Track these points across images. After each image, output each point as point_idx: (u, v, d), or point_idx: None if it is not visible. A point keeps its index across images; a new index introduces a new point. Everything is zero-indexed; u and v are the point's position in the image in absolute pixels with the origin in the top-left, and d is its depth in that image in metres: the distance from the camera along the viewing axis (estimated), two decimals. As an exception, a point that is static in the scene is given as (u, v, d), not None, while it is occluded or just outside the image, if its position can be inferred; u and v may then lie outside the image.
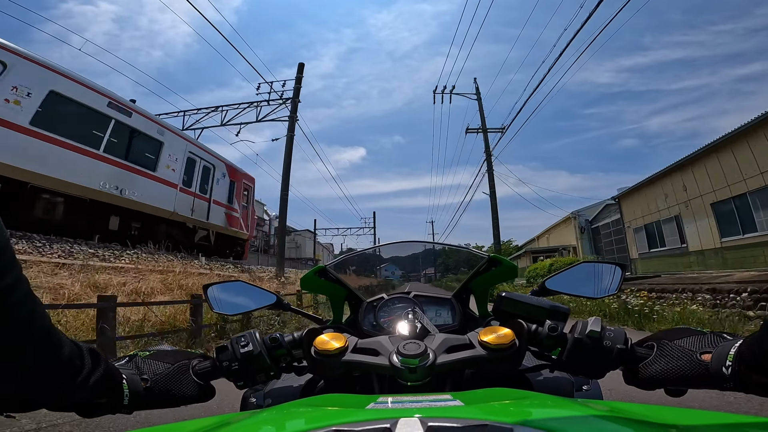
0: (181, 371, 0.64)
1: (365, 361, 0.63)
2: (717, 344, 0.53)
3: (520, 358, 0.62)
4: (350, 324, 0.99)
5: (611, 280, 0.88)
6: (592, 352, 0.60)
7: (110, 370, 0.53)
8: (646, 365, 0.57)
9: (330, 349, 0.63)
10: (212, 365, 0.66)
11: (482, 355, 0.61)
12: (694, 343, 0.55)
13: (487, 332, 0.63)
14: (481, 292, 1.03)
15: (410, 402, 0.43)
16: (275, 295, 0.95)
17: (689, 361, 0.54)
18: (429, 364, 0.59)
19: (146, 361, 0.63)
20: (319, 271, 0.98)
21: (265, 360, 0.67)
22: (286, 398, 0.86)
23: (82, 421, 3.07)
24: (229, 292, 0.98)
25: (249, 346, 0.66)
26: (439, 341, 0.65)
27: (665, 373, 0.55)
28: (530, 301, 0.72)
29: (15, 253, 0.36)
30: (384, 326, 0.95)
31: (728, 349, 0.50)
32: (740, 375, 0.47)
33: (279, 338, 0.70)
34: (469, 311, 1.01)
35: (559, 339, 0.63)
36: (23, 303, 0.37)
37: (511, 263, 0.96)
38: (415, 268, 1.31)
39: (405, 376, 0.59)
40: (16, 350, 0.37)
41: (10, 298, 0.35)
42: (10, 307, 0.35)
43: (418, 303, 0.96)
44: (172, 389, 0.62)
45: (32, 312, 0.38)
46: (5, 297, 0.35)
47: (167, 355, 0.66)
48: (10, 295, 0.35)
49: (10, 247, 0.35)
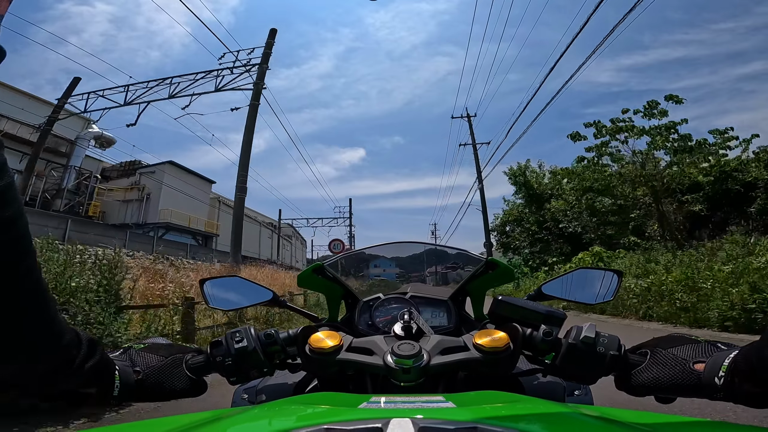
0: (174, 365, 0.64)
1: (359, 360, 0.63)
2: (711, 354, 0.53)
3: (514, 361, 0.62)
4: (346, 323, 0.99)
5: (608, 287, 0.88)
6: (586, 357, 0.60)
7: (104, 360, 0.53)
8: (639, 372, 0.57)
9: (324, 347, 0.63)
10: (205, 360, 0.66)
11: (476, 357, 0.61)
12: (688, 352, 0.55)
13: (482, 335, 0.63)
14: (478, 294, 1.03)
15: (403, 402, 0.43)
16: (272, 292, 0.95)
17: (682, 370, 0.54)
18: (423, 365, 0.59)
19: (140, 354, 0.63)
20: (317, 269, 0.98)
21: (259, 356, 0.67)
22: (278, 395, 0.86)
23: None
24: (225, 287, 0.98)
25: (243, 342, 0.66)
26: (433, 342, 0.65)
27: (657, 381, 0.55)
28: (526, 305, 0.72)
29: (32, 240, 0.37)
30: (379, 326, 0.95)
31: (722, 360, 0.50)
32: (732, 385, 0.47)
33: (274, 335, 0.70)
34: (465, 313, 1.02)
35: (553, 344, 0.63)
36: (38, 287, 0.37)
37: (508, 266, 0.96)
38: (412, 269, 1.31)
39: (399, 376, 0.59)
40: (26, 337, 0.38)
41: (27, 281, 0.36)
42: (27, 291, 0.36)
43: (414, 304, 0.96)
44: (164, 382, 0.62)
45: (44, 296, 0.39)
46: (24, 280, 0.35)
47: (161, 348, 0.66)
48: (28, 278, 0.36)
49: (28, 234, 0.36)
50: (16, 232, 0.34)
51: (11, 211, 0.33)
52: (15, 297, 0.35)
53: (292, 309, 1.04)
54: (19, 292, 0.35)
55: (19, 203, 0.34)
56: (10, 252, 0.34)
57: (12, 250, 0.34)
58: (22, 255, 0.35)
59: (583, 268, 0.93)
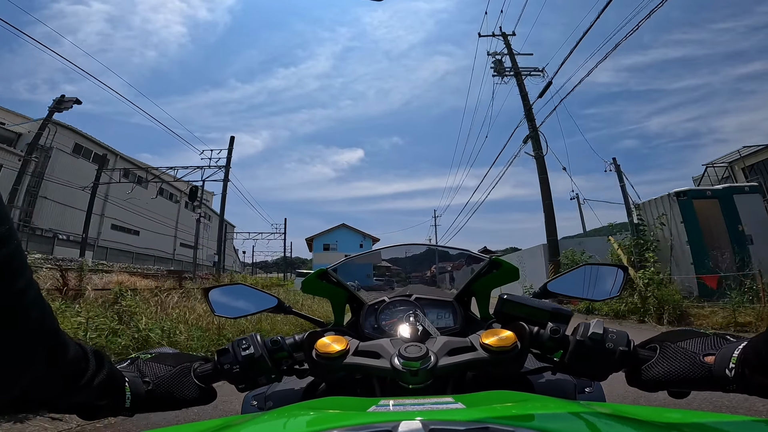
0: (183, 374, 0.64)
1: (366, 364, 0.63)
2: (720, 346, 0.53)
3: (522, 360, 0.62)
4: (351, 327, 0.99)
5: (613, 283, 0.88)
6: (595, 354, 0.59)
7: (113, 373, 0.53)
8: (649, 367, 0.57)
9: (331, 352, 0.63)
10: (213, 368, 0.66)
11: (484, 357, 0.61)
12: (697, 345, 0.55)
13: (489, 335, 0.62)
14: (483, 294, 1.02)
15: (412, 405, 0.43)
16: (276, 299, 0.95)
17: (692, 363, 0.54)
18: (430, 367, 0.59)
19: (148, 364, 0.63)
20: (321, 274, 0.98)
21: (266, 363, 0.67)
22: (287, 401, 0.86)
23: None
24: (230, 295, 0.98)
25: (250, 349, 0.66)
26: (440, 344, 0.64)
27: (668, 375, 0.55)
28: (532, 303, 0.71)
29: (26, 257, 0.37)
30: (385, 329, 0.94)
31: (732, 352, 0.50)
32: (743, 377, 0.47)
33: (280, 341, 0.70)
34: (470, 314, 1.01)
35: (561, 341, 0.63)
36: (34, 305, 0.37)
37: (512, 265, 0.96)
38: (416, 271, 1.31)
39: (406, 378, 0.59)
40: (27, 352, 0.38)
41: (23, 300, 0.36)
42: (24, 309, 0.36)
43: (420, 305, 0.96)
44: (174, 392, 0.62)
45: (42, 313, 0.38)
46: (19, 299, 0.35)
47: (168, 357, 0.66)
48: (24, 297, 0.36)
49: (21, 252, 0.36)
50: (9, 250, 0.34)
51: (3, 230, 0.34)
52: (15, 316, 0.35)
53: (297, 315, 1.04)
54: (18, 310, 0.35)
55: (9, 221, 0.35)
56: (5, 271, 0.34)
57: (6, 269, 0.34)
58: (16, 273, 0.35)
59: (588, 264, 0.93)
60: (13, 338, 0.36)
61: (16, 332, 0.36)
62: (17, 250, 0.35)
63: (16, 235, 0.36)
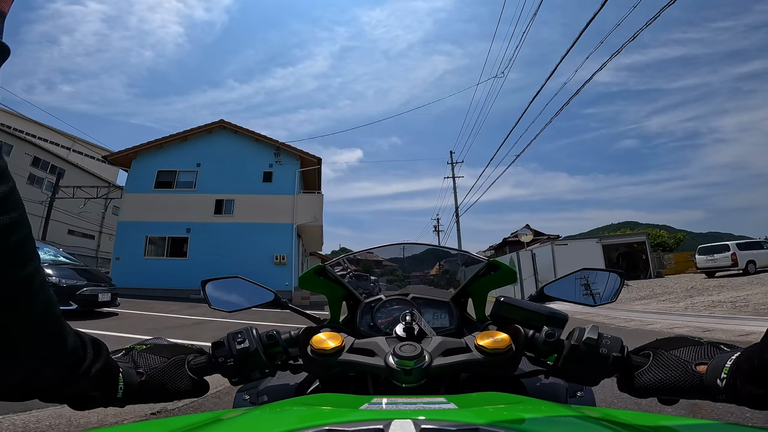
0: (177, 366, 0.64)
1: (361, 362, 0.63)
2: (713, 355, 0.53)
3: (516, 363, 0.62)
4: (347, 324, 0.99)
5: (611, 288, 0.88)
6: (588, 359, 0.60)
7: (109, 363, 0.53)
8: (641, 374, 0.57)
9: (326, 348, 0.63)
10: (207, 361, 0.66)
11: (478, 358, 0.61)
12: (690, 354, 0.55)
13: (484, 336, 0.62)
14: (479, 296, 1.03)
15: (404, 403, 0.43)
16: (273, 293, 0.95)
17: (684, 371, 0.54)
18: (424, 367, 0.59)
19: (142, 355, 0.63)
20: (318, 270, 0.98)
21: (261, 357, 0.67)
22: (280, 396, 0.86)
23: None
24: (227, 288, 0.98)
25: (245, 343, 0.66)
26: (435, 344, 0.65)
27: (659, 383, 0.55)
28: (528, 306, 0.72)
29: (35, 244, 0.37)
30: (381, 327, 0.94)
31: (724, 362, 0.50)
32: (734, 388, 0.47)
33: (276, 336, 0.70)
34: (466, 315, 1.01)
35: (555, 345, 0.63)
36: (40, 291, 0.37)
37: (510, 268, 0.96)
38: (413, 270, 1.31)
39: (400, 377, 0.59)
40: (31, 337, 0.38)
41: (30, 286, 0.36)
42: (30, 295, 0.36)
43: (416, 305, 0.96)
44: (167, 383, 0.62)
45: (47, 300, 0.39)
46: (27, 285, 0.35)
47: (163, 348, 0.66)
48: (31, 283, 0.36)
49: (32, 238, 0.36)
50: (20, 236, 0.34)
51: (15, 216, 0.34)
52: (20, 302, 0.35)
53: (293, 310, 1.04)
54: (24, 297, 0.35)
55: (21, 208, 0.35)
56: (15, 257, 0.34)
57: (16, 255, 0.34)
58: (26, 259, 0.35)
59: (585, 269, 0.92)
60: (18, 323, 0.36)
61: (21, 317, 0.36)
62: (28, 236, 0.36)
63: (28, 222, 0.36)
